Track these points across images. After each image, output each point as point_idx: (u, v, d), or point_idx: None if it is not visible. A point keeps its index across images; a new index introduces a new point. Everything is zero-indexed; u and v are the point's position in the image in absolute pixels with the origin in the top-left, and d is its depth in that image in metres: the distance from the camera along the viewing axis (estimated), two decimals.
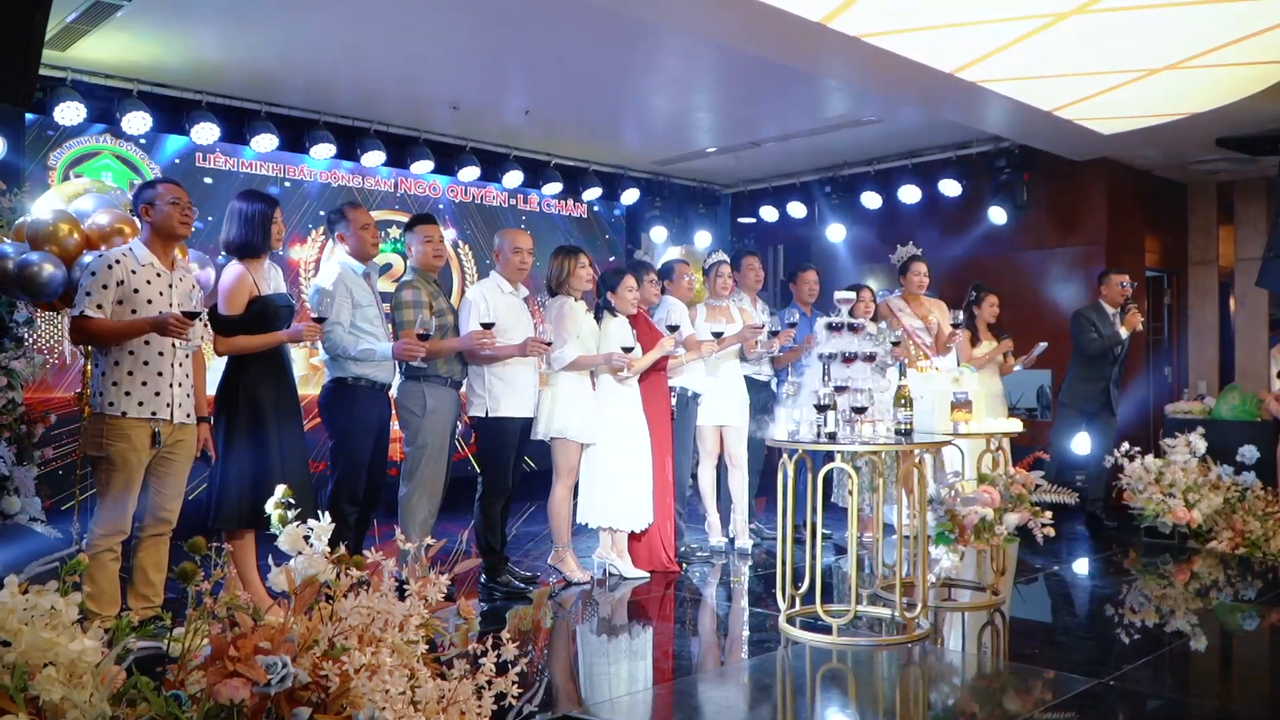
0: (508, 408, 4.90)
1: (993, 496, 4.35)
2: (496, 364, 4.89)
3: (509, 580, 4.96)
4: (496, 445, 4.92)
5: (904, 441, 4.19)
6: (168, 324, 3.69)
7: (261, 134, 7.30)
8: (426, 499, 4.80)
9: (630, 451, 5.23)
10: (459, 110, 7.64)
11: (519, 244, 5.03)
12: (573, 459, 5.14)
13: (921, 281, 6.55)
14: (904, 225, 8.70)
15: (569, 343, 5.01)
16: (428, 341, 4.53)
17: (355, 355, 4.49)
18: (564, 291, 5.14)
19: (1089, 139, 7.69)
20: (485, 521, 4.95)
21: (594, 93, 7.29)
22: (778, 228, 10.10)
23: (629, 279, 5.30)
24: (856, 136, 8.32)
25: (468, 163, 8.38)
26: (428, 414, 4.76)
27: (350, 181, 8.19)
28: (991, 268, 8.41)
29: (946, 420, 4.69)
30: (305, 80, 7.04)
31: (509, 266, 5.03)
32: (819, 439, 4.09)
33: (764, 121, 8.04)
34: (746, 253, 6.61)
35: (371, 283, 4.76)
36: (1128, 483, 6.60)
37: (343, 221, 4.69)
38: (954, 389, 4.75)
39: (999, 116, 7.41)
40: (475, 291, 4.95)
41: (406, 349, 4.45)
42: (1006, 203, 8.29)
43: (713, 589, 5.28)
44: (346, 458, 4.61)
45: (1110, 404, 7.01)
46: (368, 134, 7.84)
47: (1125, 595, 5.21)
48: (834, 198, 9.31)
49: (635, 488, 5.24)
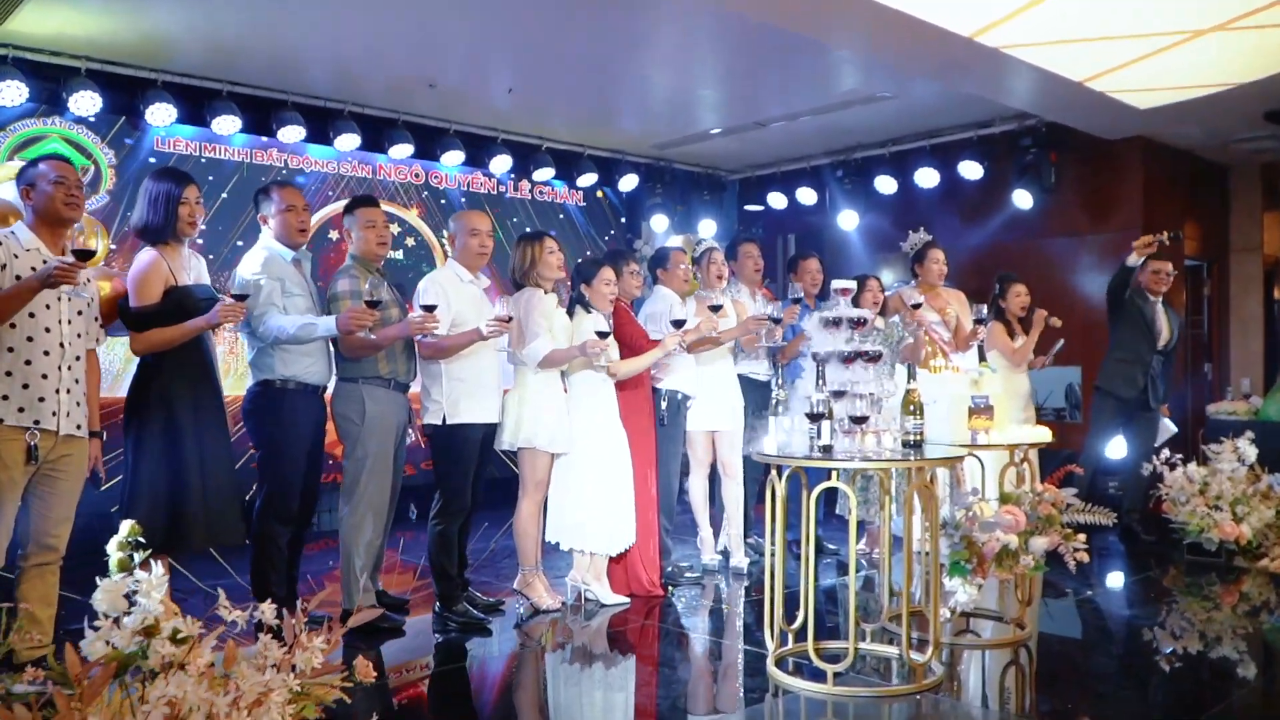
0: (467, 413, 4.32)
1: (1017, 519, 3.73)
2: (454, 362, 4.31)
3: (466, 610, 4.38)
4: (454, 457, 4.35)
5: (913, 456, 3.57)
6: (51, 273, 3.11)
7: (223, 115, 6.76)
8: (370, 519, 4.24)
9: (608, 463, 4.65)
10: (436, 89, 7.06)
11: (476, 225, 4.45)
12: (542, 471, 4.56)
13: (939, 270, 5.92)
14: (921, 211, 8.08)
15: (540, 336, 4.43)
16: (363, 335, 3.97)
17: (296, 334, 3.91)
18: (530, 282, 4.56)
19: (1123, 114, 7.02)
20: (439, 543, 4.37)
21: (586, 68, 6.73)
22: (787, 215, 9.48)
23: (605, 270, 4.71)
24: (869, 115, 7.71)
25: (451, 146, 7.81)
26: (367, 420, 4.19)
27: (324, 167, 7.64)
28: (1016, 257, 7.75)
29: (964, 429, 4.07)
30: (271, 56, 6.50)
31: (466, 252, 4.45)
32: (812, 453, 3.48)
33: (770, 99, 7.43)
34: (744, 240, 5.99)
35: (304, 271, 4.20)
36: (1168, 493, 5.95)
37: (268, 201, 4.13)
38: (973, 393, 4.13)
39: (1024, 89, 6.76)
40: (427, 280, 4.37)
41: (354, 317, 3.86)
42: (1032, 186, 7.65)
43: (698, 619, 4.68)
44: (275, 472, 4.06)
45: (1148, 400, 6.36)
46: (341, 115, 7.29)
47: (1171, 625, 4.56)
48: (846, 182, 8.70)
49: (614, 504, 4.66)
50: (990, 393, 4.22)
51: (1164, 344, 6.36)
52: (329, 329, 3.87)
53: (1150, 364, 6.34)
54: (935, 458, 3.56)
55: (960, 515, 3.63)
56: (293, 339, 3.91)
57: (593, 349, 4.32)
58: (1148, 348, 6.34)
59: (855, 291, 3.81)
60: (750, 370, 5.75)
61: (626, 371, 4.64)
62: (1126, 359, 6.37)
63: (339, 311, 4.10)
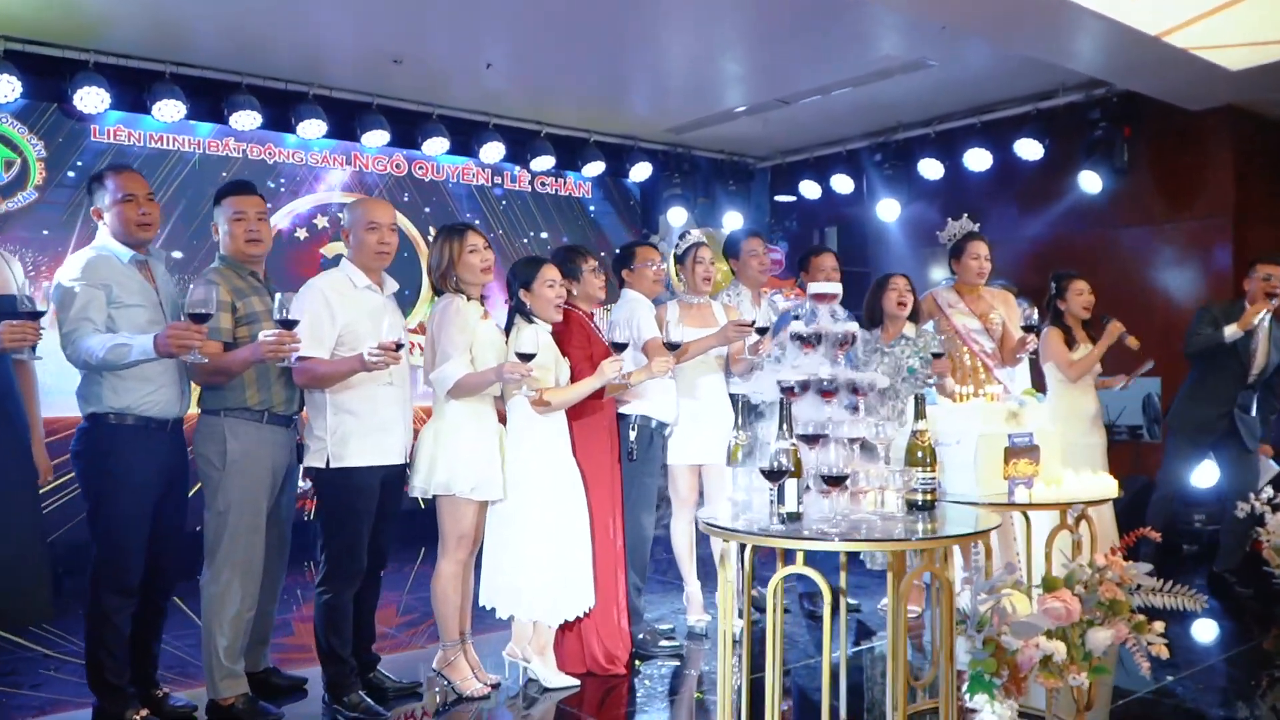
0: (358, 454, 3.43)
1: (1069, 608, 2.70)
2: (342, 391, 3.42)
3: (361, 701, 3.48)
4: (342, 509, 3.45)
5: (920, 523, 2.57)
6: None
7: (165, 100, 5.99)
8: (238, 585, 3.37)
9: (555, 509, 3.72)
10: (403, 64, 6.20)
11: (374, 217, 3.55)
12: (465, 523, 3.64)
13: (981, 267, 4.85)
14: (972, 199, 7.04)
15: (454, 357, 3.52)
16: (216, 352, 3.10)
17: (105, 358, 3.03)
18: (449, 287, 3.65)
19: (1210, 78, 5.89)
20: (326, 617, 3.47)
21: (589, 40, 5.87)
22: (822, 206, 8.44)
23: (547, 270, 3.77)
24: (912, 89, 6.69)
25: (433, 133, 6.96)
26: (229, 463, 3.32)
27: (289, 158, 6.84)
28: (1082, 250, 6.63)
29: (997, 479, 3.05)
30: (220, 33, 5.71)
31: (363, 250, 3.54)
32: (769, 524, 2.50)
33: (800, 70, 6.44)
34: (748, 234, 5.00)
35: (152, 275, 3.34)
36: (1270, 539, 4.83)
37: (101, 190, 3.29)
38: (1010, 429, 3.10)
39: (1090, 49, 5.67)
40: (305, 287, 3.48)
41: (173, 336, 2.96)
42: (1102, 167, 6.55)
43: (665, 709, 3.71)
44: (106, 530, 3.20)
45: (1238, 433, 5.24)
46: (305, 99, 6.48)
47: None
48: (886, 167, 7.66)
49: (563, 561, 3.73)
50: (1036, 428, 3.19)
51: (1258, 373, 5.24)
52: (145, 350, 2.99)
53: (1236, 401, 5.23)
54: (945, 535, 2.54)
55: (985, 610, 2.61)
56: (103, 364, 3.04)
57: (510, 372, 3.39)
58: (1233, 382, 5.23)
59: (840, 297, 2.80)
60: (750, 390, 4.77)
61: (560, 402, 3.70)
62: (1204, 399, 5.29)
63: None
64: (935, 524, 2.65)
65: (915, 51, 6.06)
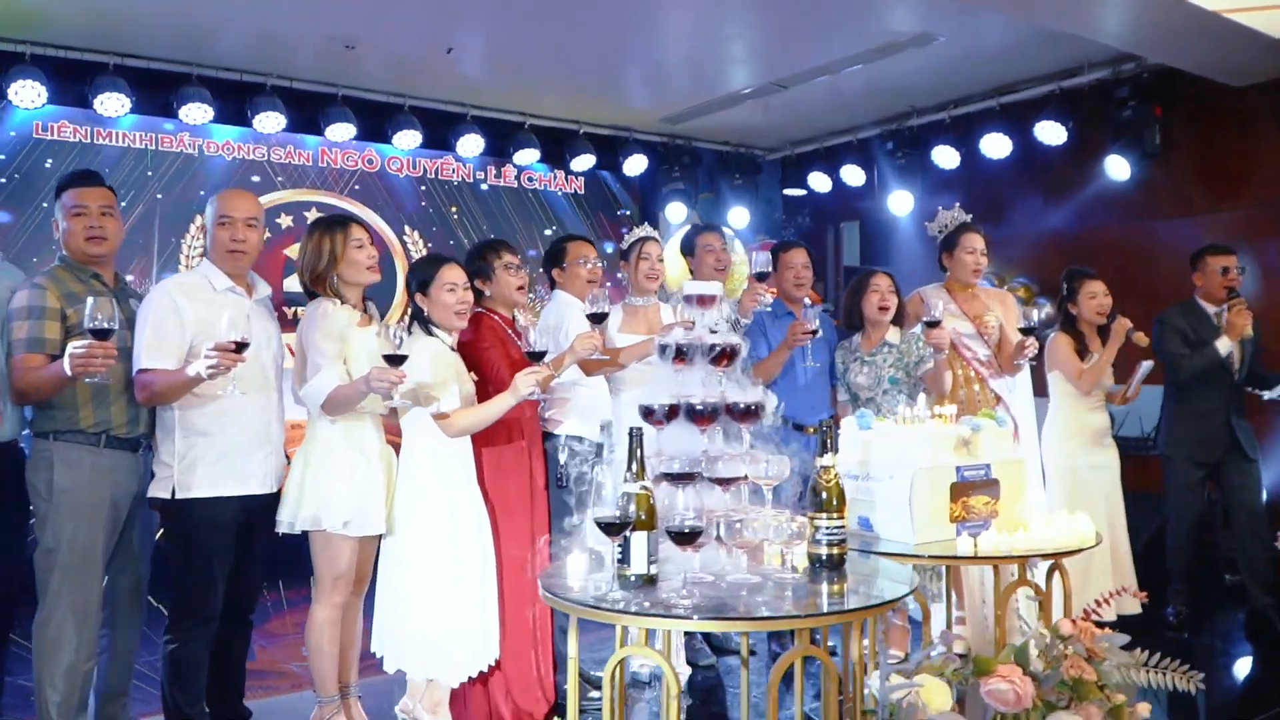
0: (206, 482, 2.97)
1: (1019, 691, 2.13)
2: (191, 408, 2.97)
3: None
4: (189, 546, 3.00)
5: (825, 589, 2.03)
6: None
7: (108, 93, 5.63)
8: (72, 632, 2.93)
9: (454, 551, 3.22)
10: (358, 50, 5.76)
11: (226, 210, 3.08)
12: (340, 563, 3.15)
13: (976, 263, 4.25)
14: (989, 188, 6.45)
15: (324, 368, 3.04)
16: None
17: None
18: (326, 290, 3.17)
19: (1254, 48, 5.20)
20: (171, 670, 3.03)
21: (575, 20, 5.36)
22: (838, 199, 7.84)
23: (447, 271, 3.27)
24: (924, 69, 6.13)
25: (404, 125, 6.52)
26: (56, 496, 2.89)
27: (251, 154, 6.45)
28: (1110, 243, 5.97)
29: (940, 520, 2.48)
30: (165, 19, 5.33)
31: (216, 248, 3.09)
32: (605, 593, 1.96)
33: (801, 48, 5.90)
34: (705, 229, 4.46)
35: None
36: None
37: None
38: (959, 459, 2.53)
39: (1117, 18, 5.08)
40: (154, 289, 3.03)
41: (74, 358, 2.58)
42: (1131, 151, 5.90)
43: None
44: None
45: (1239, 444, 4.62)
46: (263, 90, 6.08)
47: None
48: (898, 156, 7.04)
49: (461, 612, 3.23)
50: (997, 456, 2.61)
51: (1240, 369, 4.67)
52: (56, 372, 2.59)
53: (1223, 405, 4.65)
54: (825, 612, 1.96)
55: (896, 700, 2.04)
56: None
57: (378, 380, 2.88)
58: (1222, 388, 4.65)
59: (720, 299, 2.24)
60: None
61: (466, 425, 3.19)
62: (1192, 414, 4.71)
63: (11, 332, 2.83)
64: (842, 584, 2.10)
65: (924, 25, 5.48)
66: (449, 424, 3.17)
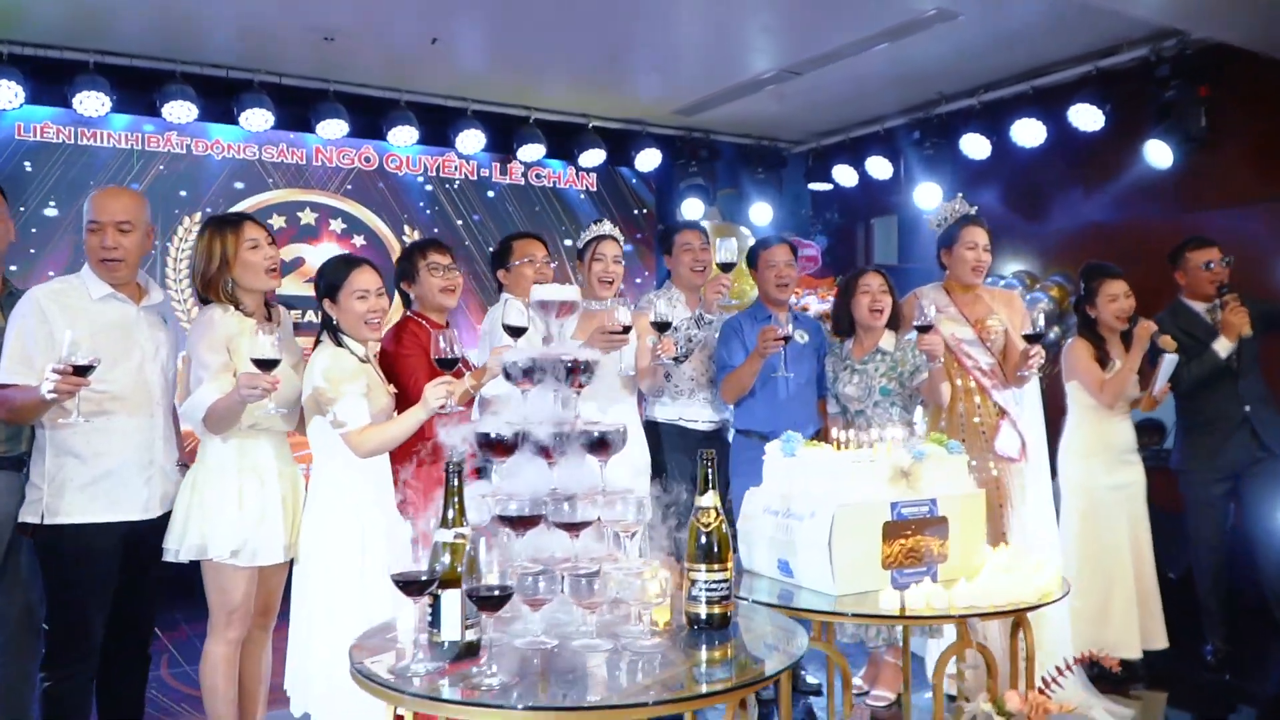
0: (80, 508, 2.71)
1: None
2: (60, 428, 2.70)
3: None
4: (61, 577, 2.74)
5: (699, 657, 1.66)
6: None
7: (88, 91, 5.47)
8: None
9: (362, 584, 2.91)
10: (337, 42, 5.51)
11: (94, 215, 2.81)
12: (233, 596, 2.87)
13: (978, 260, 3.80)
14: (1020, 178, 5.96)
15: (206, 381, 2.75)
16: None
17: None
18: (218, 295, 2.89)
19: None
20: (46, 710, 2.77)
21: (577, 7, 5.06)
22: (867, 194, 7.41)
23: (358, 276, 2.96)
24: (953, 52, 5.72)
25: (400, 121, 6.26)
26: None
27: (243, 153, 6.25)
28: (1152, 235, 5.39)
29: (870, 567, 2.08)
30: (149, 15, 5.14)
31: (91, 257, 2.82)
32: (406, 668, 1.61)
33: (817, 30, 5.47)
34: (684, 227, 4.10)
35: None
36: None
37: None
38: (894, 494, 2.13)
39: None
40: (28, 295, 2.77)
41: None
42: (1174, 135, 5.38)
43: None
44: None
45: (1263, 441, 4.12)
46: (250, 87, 5.87)
47: None
48: (926, 146, 6.58)
49: None
50: (947, 490, 2.20)
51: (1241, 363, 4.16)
52: None
53: (1244, 404, 4.13)
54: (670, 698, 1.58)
55: None
56: None
57: (247, 386, 2.56)
58: (1230, 388, 4.15)
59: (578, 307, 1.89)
60: (691, 416, 3.88)
61: (374, 445, 2.87)
62: (1205, 424, 4.21)
63: None
64: (724, 651, 1.73)
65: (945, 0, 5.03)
66: (358, 442, 2.87)
